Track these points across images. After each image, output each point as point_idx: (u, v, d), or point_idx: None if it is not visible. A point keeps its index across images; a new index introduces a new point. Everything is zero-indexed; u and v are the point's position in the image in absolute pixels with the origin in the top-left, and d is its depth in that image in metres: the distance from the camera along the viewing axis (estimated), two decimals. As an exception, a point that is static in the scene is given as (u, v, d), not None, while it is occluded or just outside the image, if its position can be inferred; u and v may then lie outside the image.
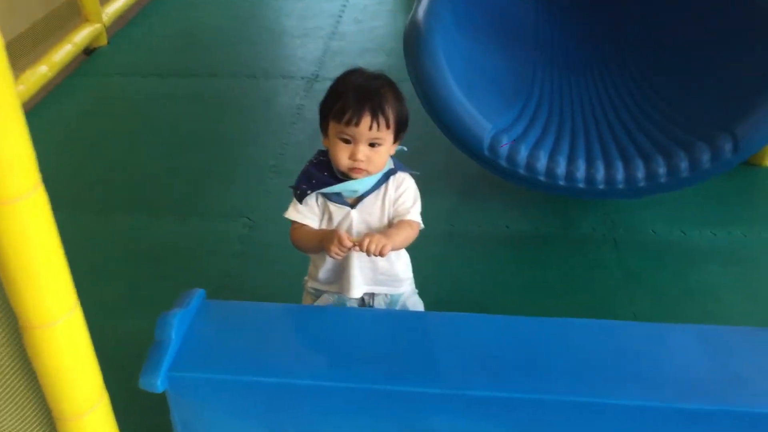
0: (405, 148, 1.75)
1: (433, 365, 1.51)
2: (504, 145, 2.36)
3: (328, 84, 1.69)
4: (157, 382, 1.49)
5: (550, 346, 1.57)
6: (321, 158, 1.72)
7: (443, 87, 2.43)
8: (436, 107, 2.44)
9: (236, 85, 3.74)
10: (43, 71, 3.63)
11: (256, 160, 3.11)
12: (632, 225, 2.66)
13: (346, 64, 3.95)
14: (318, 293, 1.84)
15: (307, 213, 1.72)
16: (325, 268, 1.77)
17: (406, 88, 1.79)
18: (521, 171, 2.44)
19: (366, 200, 1.70)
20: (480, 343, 1.57)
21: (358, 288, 1.74)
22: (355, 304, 1.78)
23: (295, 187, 1.72)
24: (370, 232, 1.62)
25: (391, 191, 1.71)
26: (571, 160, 2.44)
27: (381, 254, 1.59)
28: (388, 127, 1.62)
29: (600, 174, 2.43)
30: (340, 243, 1.60)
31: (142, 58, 4.05)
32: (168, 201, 2.88)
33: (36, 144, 1.12)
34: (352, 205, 1.71)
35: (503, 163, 2.44)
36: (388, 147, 1.66)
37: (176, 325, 1.57)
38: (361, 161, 1.62)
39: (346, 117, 1.59)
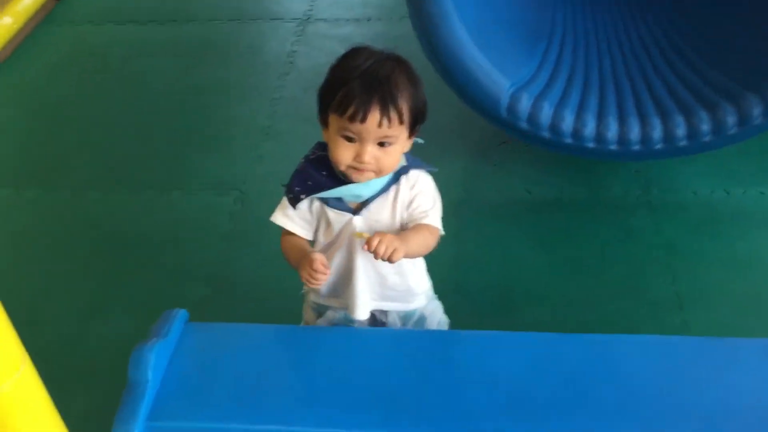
0: (422, 141, 1.46)
1: (456, 405, 1.26)
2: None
3: (322, 27, 1.38)
4: (134, 435, 1.26)
5: (591, 373, 1.33)
6: (320, 153, 1.42)
7: (452, 38, 2.09)
8: (444, 63, 2.11)
9: (218, 31, 3.37)
10: (6, 23, 3.29)
11: (245, 121, 2.79)
12: (668, 184, 2.37)
13: (342, 3, 3.64)
14: (321, 309, 1.58)
15: (296, 219, 1.44)
16: (330, 277, 1.50)
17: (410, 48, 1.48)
18: (545, 133, 2.14)
19: (372, 205, 1.42)
20: (510, 373, 1.33)
21: (363, 307, 1.48)
22: (364, 323, 1.52)
23: (288, 188, 1.44)
24: (382, 232, 1.34)
25: (404, 193, 1.42)
26: (600, 118, 2.14)
27: (390, 260, 1.32)
28: (401, 122, 1.32)
29: (634, 133, 2.13)
30: (310, 266, 1.35)
31: (117, 2, 3.67)
32: (147, 173, 2.58)
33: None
34: (356, 211, 1.43)
35: (524, 125, 2.13)
36: (401, 145, 1.36)
37: (153, 362, 1.33)
38: (369, 163, 1.33)
39: (350, 111, 1.29)
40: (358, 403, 1.28)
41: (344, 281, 1.48)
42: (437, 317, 1.68)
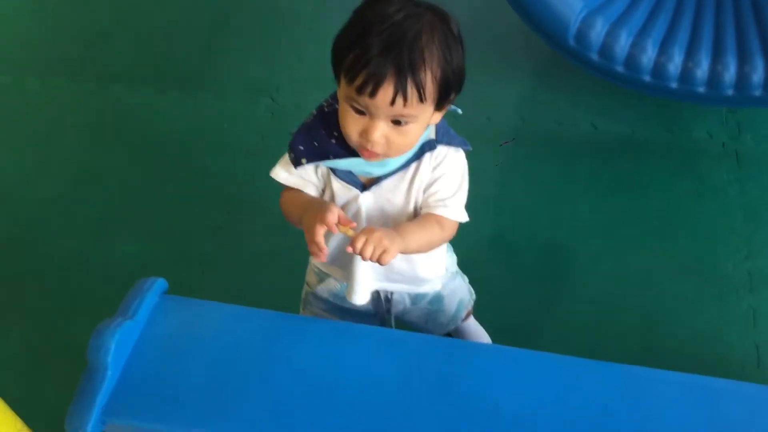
0: (459, 110, 1.18)
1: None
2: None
3: None
4: (87, 429, 1.14)
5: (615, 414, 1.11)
6: (336, 106, 1.16)
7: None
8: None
9: None
10: None
11: (288, 12, 2.49)
12: (764, 131, 2.00)
13: None
14: (322, 275, 1.38)
15: (302, 177, 1.21)
16: (331, 243, 1.28)
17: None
18: (619, 68, 1.80)
19: (386, 182, 1.18)
20: (517, 403, 1.12)
21: (362, 292, 1.27)
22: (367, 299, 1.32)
23: (290, 145, 1.20)
24: (371, 228, 1.10)
25: (425, 172, 1.17)
26: (690, 54, 1.77)
27: (380, 262, 1.10)
28: (422, 99, 1.05)
29: (730, 74, 1.76)
30: (323, 220, 1.09)
31: None
32: (174, 67, 2.34)
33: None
34: (366, 186, 1.20)
35: (595, 57, 1.79)
36: (422, 123, 1.10)
37: (115, 348, 1.18)
38: (377, 143, 1.08)
39: (358, 81, 1.03)
40: (334, 420, 1.11)
41: (346, 256, 1.25)
42: (458, 296, 1.47)
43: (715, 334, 1.65)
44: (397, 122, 1.07)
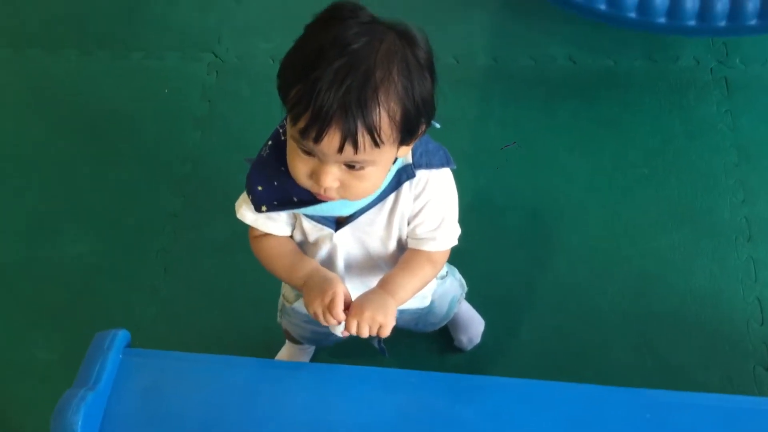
0: (437, 124, 1.01)
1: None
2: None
3: None
4: None
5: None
6: None
7: None
8: None
9: None
10: None
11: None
12: (754, 53, 1.85)
13: None
14: (300, 294, 1.23)
15: (270, 217, 1.06)
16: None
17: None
18: (602, 6, 1.62)
19: (362, 217, 1.03)
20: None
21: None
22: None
23: (248, 185, 1.03)
24: (358, 307, 0.96)
25: (406, 203, 1.02)
26: (678, -16, 1.59)
27: (380, 335, 0.98)
28: (377, 144, 0.87)
29: (722, 3, 1.59)
30: (331, 311, 0.97)
31: None
32: (99, 20, 2.08)
33: None
34: (340, 222, 1.05)
35: (575, -4, 1.60)
36: (384, 165, 0.94)
37: (82, 426, 1.04)
38: (330, 188, 0.92)
39: (301, 124, 0.86)
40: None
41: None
42: (449, 296, 1.35)
43: (715, 290, 1.57)
44: (351, 166, 0.90)
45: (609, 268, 1.62)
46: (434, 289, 1.28)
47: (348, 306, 0.98)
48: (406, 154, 0.98)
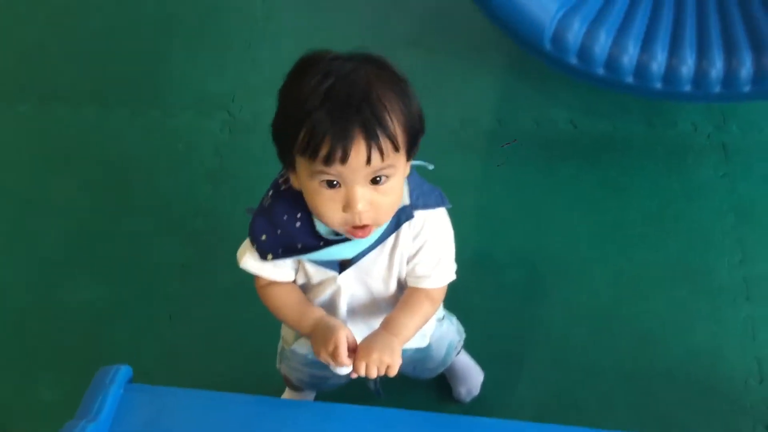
0: (430, 166, 1.06)
1: None
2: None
3: None
4: None
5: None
6: (291, 185, 1.04)
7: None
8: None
9: None
10: None
11: (236, 10, 2.30)
12: (751, 119, 1.91)
13: None
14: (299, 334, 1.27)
15: (274, 264, 1.09)
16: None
17: None
18: (600, 70, 1.69)
19: (364, 260, 1.08)
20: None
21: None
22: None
23: (251, 234, 1.08)
24: (365, 349, 1.01)
25: (405, 244, 1.07)
26: (673, 51, 1.66)
27: (388, 375, 1.01)
28: (396, 148, 0.94)
29: (717, 70, 1.66)
30: (335, 359, 1.01)
31: None
32: (121, 81, 2.16)
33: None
34: (343, 265, 1.09)
35: (574, 60, 1.67)
36: (401, 176, 1.00)
37: (79, 459, 1.07)
38: (365, 212, 0.96)
39: (324, 152, 0.91)
40: None
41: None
42: (446, 341, 1.39)
43: (713, 348, 1.59)
44: (375, 182, 0.95)
45: (609, 325, 1.64)
46: (432, 332, 1.31)
47: (353, 349, 1.01)
48: (407, 174, 1.03)
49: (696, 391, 1.53)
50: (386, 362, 1.00)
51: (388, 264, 1.09)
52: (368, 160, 0.92)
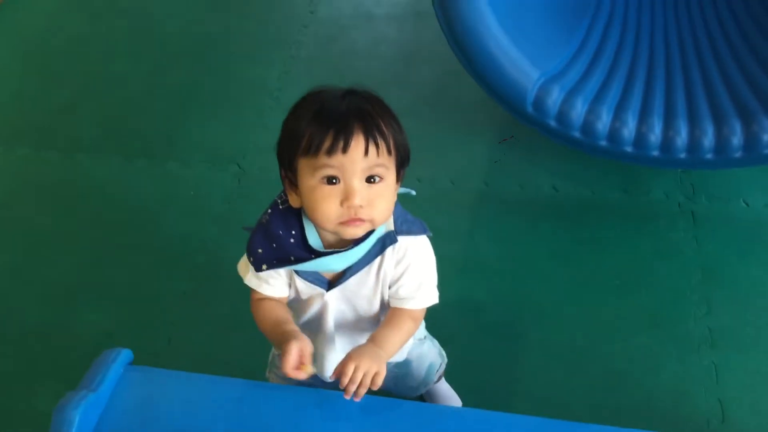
0: (413, 192, 1.22)
1: None
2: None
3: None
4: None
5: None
6: (289, 205, 1.17)
7: (474, 16, 1.81)
8: (462, 44, 1.83)
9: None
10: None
11: (253, 81, 2.55)
12: (717, 191, 2.07)
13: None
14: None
15: (269, 279, 1.21)
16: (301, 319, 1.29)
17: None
18: (576, 133, 1.87)
19: (352, 279, 1.19)
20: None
21: (332, 369, 1.28)
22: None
23: (248, 248, 1.21)
24: (352, 359, 1.09)
25: (388, 267, 1.18)
26: (642, 119, 1.84)
27: (374, 383, 1.10)
28: (389, 152, 1.09)
29: (682, 138, 1.83)
30: (282, 365, 1.11)
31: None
32: (142, 136, 2.37)
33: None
34: (331, 283, 1.21)
35: (553, 123, 1.86)
36: (391, 185, 1.12)
37: (79, 422, 1.16)
38: (360, 207, 1.08)
39: (327, 144, 1.05)
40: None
41: (314, 324, 1.27)
42: (427, 361, 1.48)
43: (680, 389, 1.68)
44: (370, 180, 1.08)
45: (582, 364, 1.74)
46: (410, 350, 1.41)
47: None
48: (394, 198, 1.15)
49: (661, 426, 1.60)
50: (374, 369, 1.08)
51: (373, 285, 1.20)
52: (366, 151, 1.05)
